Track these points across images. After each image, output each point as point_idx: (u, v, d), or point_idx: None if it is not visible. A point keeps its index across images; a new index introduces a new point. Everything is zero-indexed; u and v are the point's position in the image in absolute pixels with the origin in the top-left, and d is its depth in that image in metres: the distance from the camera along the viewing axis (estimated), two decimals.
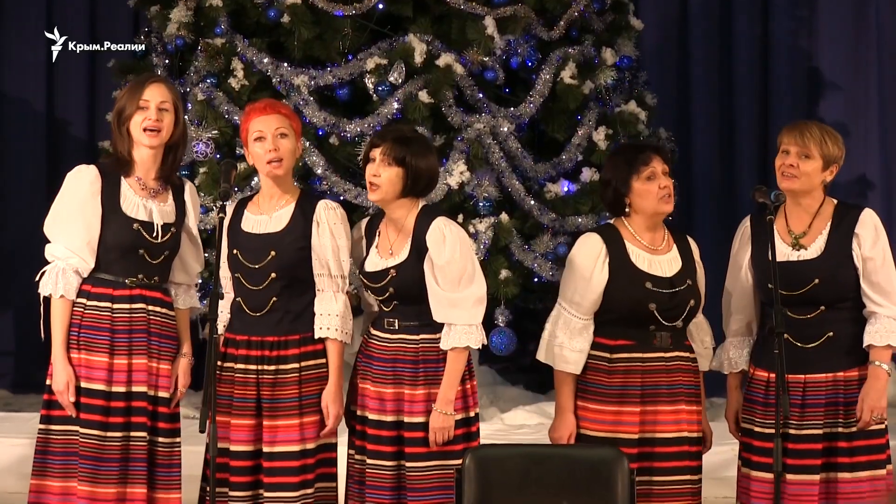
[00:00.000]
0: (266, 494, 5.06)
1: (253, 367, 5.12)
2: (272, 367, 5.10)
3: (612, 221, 5.19)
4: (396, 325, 5.12)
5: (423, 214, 5.13)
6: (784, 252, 5.10)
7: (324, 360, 5.13)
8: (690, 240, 5.24)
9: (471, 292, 5.06)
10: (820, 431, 5.04)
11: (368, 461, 5.07)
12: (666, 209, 5.11)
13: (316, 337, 5.12)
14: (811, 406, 5.06)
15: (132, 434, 5.06)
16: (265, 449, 5.08)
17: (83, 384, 5.05)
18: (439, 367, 5.07)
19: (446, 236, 5.06)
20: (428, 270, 5.05)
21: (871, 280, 5.08)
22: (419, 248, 5.08)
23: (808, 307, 5.06)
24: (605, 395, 5.06)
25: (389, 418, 5.08)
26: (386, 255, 5.13)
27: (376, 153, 5.11)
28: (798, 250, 5.11)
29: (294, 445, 5.07)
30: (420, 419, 5.05)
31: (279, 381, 5.10)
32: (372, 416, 5.10)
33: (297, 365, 5.11)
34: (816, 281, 5.05)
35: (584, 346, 5.08)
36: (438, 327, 5.09)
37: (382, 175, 5.07)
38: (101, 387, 5.05)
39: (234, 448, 5.07)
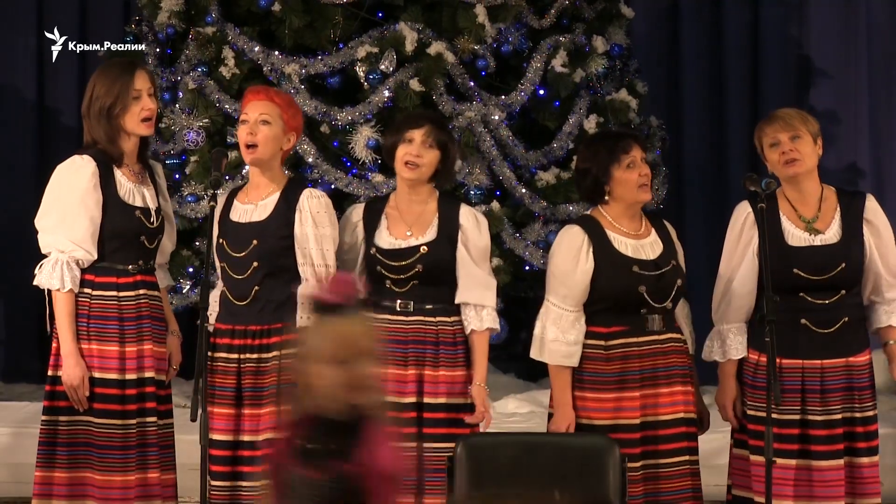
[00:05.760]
0: (251, 484, 5.05)
1: (234, 356, 5.12)
2: (254, 356, 5.10)
3: (589, 212, 5.19)
4: (411, 307, 5.14)
5: (444, 199, 5.24)
6: (803, 237, 5.11)
7: None
8: (666, 223, 5.25)
9: (493, 278, 5.22)
10: (839, 417, 5.07)
11: None
12: (644, 198, 5.12)
13: (297, 326, 5.12)
14: (831, 391, 5.08)
15: (147, 420, 5.08)
16: (247, 438, 5.07)
17: (97, 374, 5.04)
18: (455, 349, 5.14)
19: (479, 221, 5.20)
20: (464, 251, 5.14)
21: (887, 265, 5.11)
22: (449, 231, 5.14)
23: (830, 292, 5.09)
24: (604, 382, 5.05)
25: (409, 399, 5.10)
26: (403, 236, 5.14)
27: (416, 134, 5.12)
28: (815, 235, 5.12)
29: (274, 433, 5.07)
30: (442, 400, 5.10)
31: (261, 370, 5.10)
32: None
33: (277, 353, 5.10)
34: (842, 265, 5.07)
35: (579, 338, 5.07)
36: (452, 311, 5.15)
37: (425, 156, 5.13)
38: (114, 376, 5.05)
39: (214, 437, 5.07)
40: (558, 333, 5.08)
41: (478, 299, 5.14)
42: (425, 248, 5.11)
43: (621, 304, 5.07)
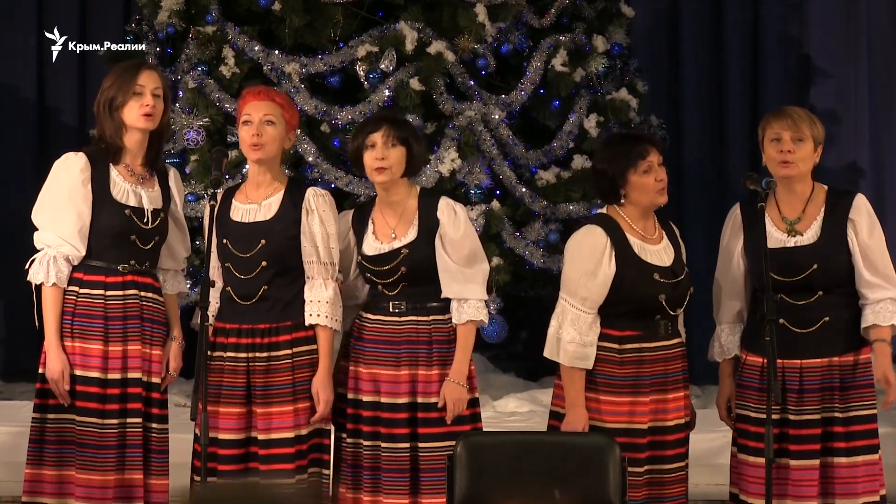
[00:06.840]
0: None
1: (243, 354, 5.12)
2: (264, 355, 5.11)
3: (605, 211, 5.16)
4: (405, 307, 5.14)
5: (424, 196, 5.22)
6: (780, 239, 5.11)
7: (315, 347, 5.14)
8: (672, 224, 5.25)
9: (480, 268, 5.16)
10: (817, 417, 5.06)
11: (383, 444, 5.09)
12: (661, 201, 5.12)
13: (306, 324, 5.13)
14: (808, 391, 5.07)
15: (128, 420, 5.07)
16: (260, 437, 5.08)
17: (78, 372, 5.05)
18: (450, 347, 5.13)
19: (457, 212, 5.16)
20: (440, 246, 5.12)
21: (871, 266, 5.09)
22: (428, 227, 5.13)
23: (806, 293, 5.08)
24: (618, 386, 5.02)
25: (403, 400, 5.10)
26: (388, 238, 5.15)
27: (376, 138, 5.13)
28: (793, 236, 5.12)
29: (289, 432, 5.08)
30: (435, 399, 5.10)
31: (272, 368, 5.11)
32: (367, 399, 5.13)
33: (289, 351, 5.11)
34: (815, 267, 5.06)
35: (594, 340, 5.03)
36: (445, 308, 5.14)
37: (390, 156, 5.12)
38: (96, 374, 5.05)
39: (222, 437, 5.07)
40: (576, 335, 5.02)
41: (457, 293, 5.13)
42: (406, 249, 5.12)
43: (638, 310, 5.05)
